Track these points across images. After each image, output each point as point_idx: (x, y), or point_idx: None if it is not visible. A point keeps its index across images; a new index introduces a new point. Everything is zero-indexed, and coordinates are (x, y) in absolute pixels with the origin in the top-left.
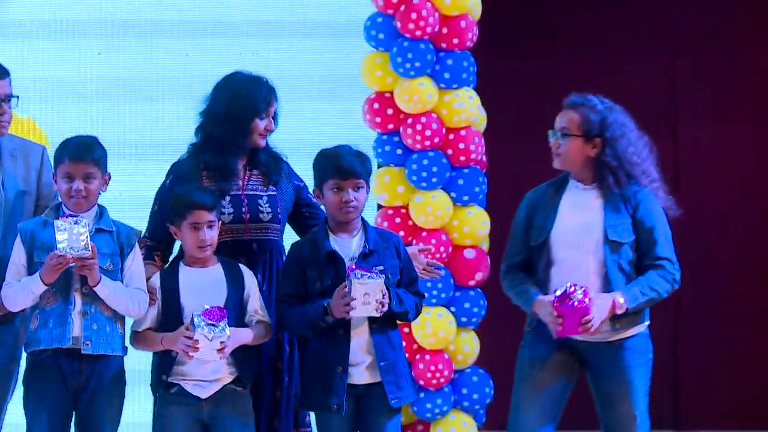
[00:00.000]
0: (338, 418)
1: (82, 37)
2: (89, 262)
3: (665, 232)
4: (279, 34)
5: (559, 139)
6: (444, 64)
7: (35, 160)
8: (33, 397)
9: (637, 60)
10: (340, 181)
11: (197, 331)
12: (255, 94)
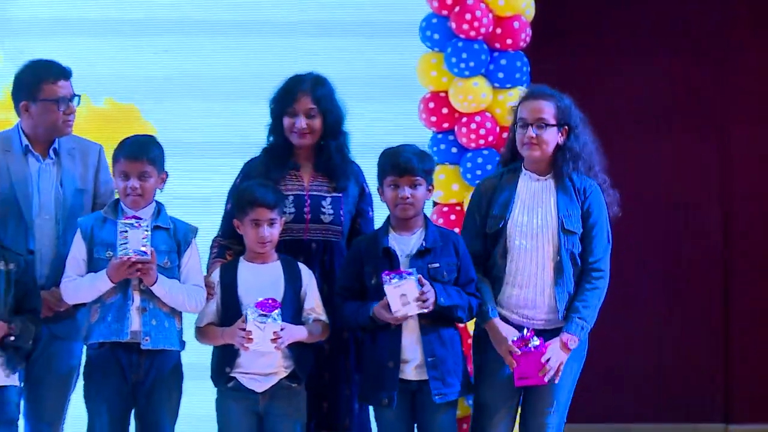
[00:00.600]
0: (392, 412)
1: (142, 36)
2: (146, 266)
3: (603, 231)
4: (335, 34)
5: (537, 131)
6: (498, 64)
7: (93, 159)
8: (93, 390)
9: (683, 59)
10: (397, 178)
11: (249, 321)
12: (280, 92)
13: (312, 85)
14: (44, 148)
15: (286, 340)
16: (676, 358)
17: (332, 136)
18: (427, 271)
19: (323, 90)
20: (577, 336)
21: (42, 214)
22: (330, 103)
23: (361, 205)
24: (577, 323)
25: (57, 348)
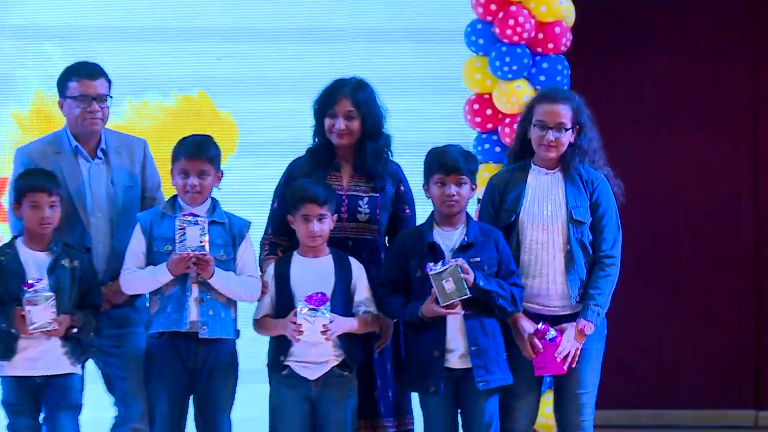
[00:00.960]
0: (437, 398)
1: (203, 42)
2: (203, 261)
3: (613, 219)
4: (385, 39)
5: (557, 134)
6: (539, 67)
7: (138, 154)
8: (153, 377)
9: (715, 59)
10: (444, 176)
11: (299, 315)
12: (323, 95)
13: (352, 89)
14: (92, 148)
15: (335, 331)
16: (708, 344)
17: (371, 138)
18: (469, 265)
19: (363, 94)
20: (593, 322)
21: (95, 213)
22: (369, 106)
23: (398, 204)
24: (592, 309)
25: (129, 334)
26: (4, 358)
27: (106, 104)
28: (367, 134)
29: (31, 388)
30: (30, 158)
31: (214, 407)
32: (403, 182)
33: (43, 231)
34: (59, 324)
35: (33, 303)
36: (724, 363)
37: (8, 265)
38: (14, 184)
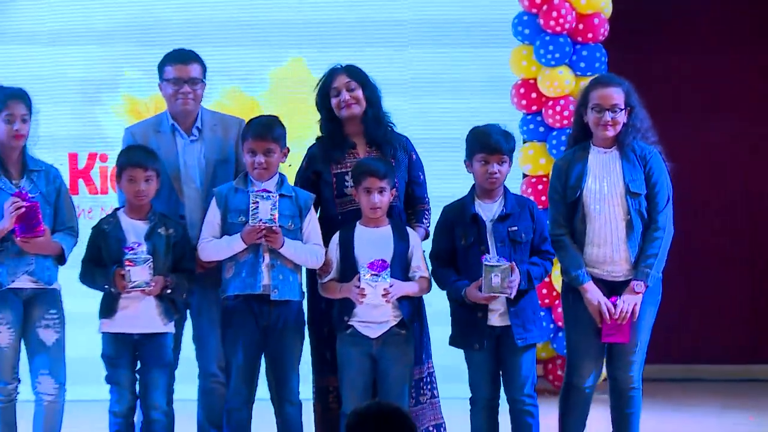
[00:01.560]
0: (481, 354)
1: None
2: (273, 232)
3: (664, 190)
4: (436, 34)
5: (612, 115)
6: (580, 55)
7: (234, 132)
8: (230, 335)
9: (732, 55)
10: (487, 155)
11: (363, 280)
12: (320, 84)
13: (344, 66)
14: (188, 126)
15: (395, 294)
16: (734, 307)
17: (371, 106)
18: (507, 234)
19: (355, 68)
20: (643, 281)
21: (189, 184)
22: (363, 77)
23: (413, 171)
24: (642, 270)
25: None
26: (105, 316)
27: (198, 86)
28: (370, 103)
29: (128, 344)
30: (133, 136)
31: (284, 362)
32: (414, 152)
33: (139, 202)
34: (154, 284)
35: (132, 263)
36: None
37: (111, 233)
38: (117, 161)
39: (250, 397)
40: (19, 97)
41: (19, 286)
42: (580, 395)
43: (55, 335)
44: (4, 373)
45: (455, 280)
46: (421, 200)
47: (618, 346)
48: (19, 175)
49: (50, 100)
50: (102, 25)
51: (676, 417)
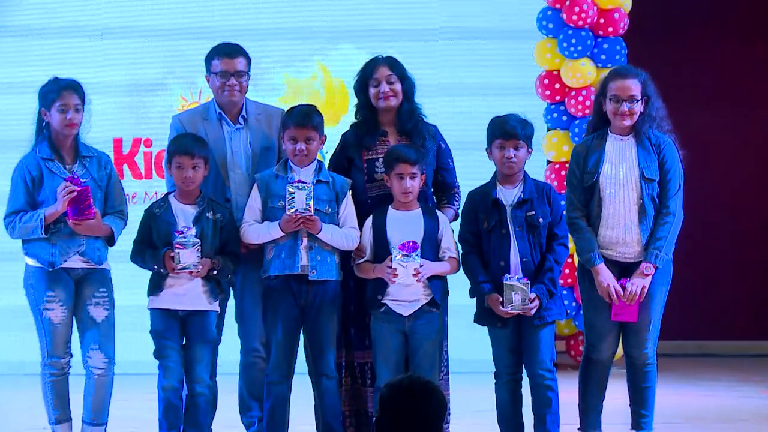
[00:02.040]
0: (503, 331)
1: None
2: (310, 220)
3: (676, 177)
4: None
5: (630, 105)
6: (601, 47)
7: (276, 121)
8: (270, 312)
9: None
10: (504, 141)
11: (395, 261)
12: (361, 73)
13: (386, 58)
14: (234, 116)
15: (425, 274)
16: (743, 288)
17: (407, 101)
18: (525, 219)
19: (396, 61)
20: (652, 263)
21: (235, 169)
22: (403, 71)
23: (441, 159)
24: (652, 252)
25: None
26: (153, 293)
27: (244, 79)
28: (406, 97)
29: (175, 320)
30: (181, 124)
31: (321, 338)
32: (443, 140)
33: (187, 188)
34: (202, 266)
35: (182, 246)
36: (760, 302)
37: (161, 216)
38: (166, 148)
39: (289, 372)
40: (73, 88)
41: (71, 266)
42: (598, 369)
43: (104, 312)
44: (56, 348)
45: (481, 282)
46: (451, 185)
47: (632, 325)
48: (72, 161)
49: (97, 92)
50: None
51: (690, 390)
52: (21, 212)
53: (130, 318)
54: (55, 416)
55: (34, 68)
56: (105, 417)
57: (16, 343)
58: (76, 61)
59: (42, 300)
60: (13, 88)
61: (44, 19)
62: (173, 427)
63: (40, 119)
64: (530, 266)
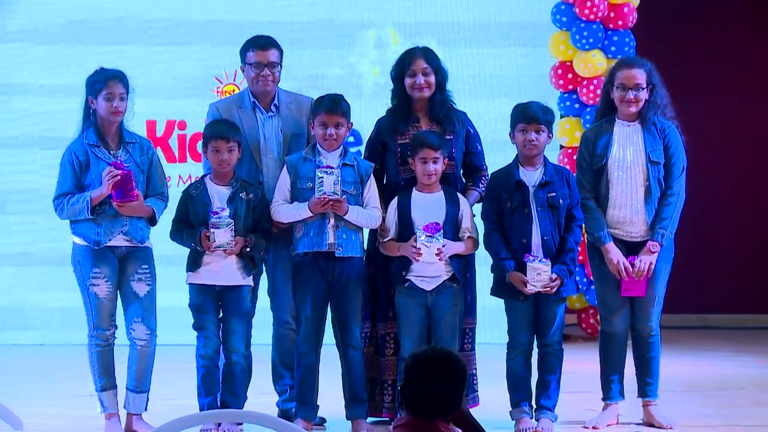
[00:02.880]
0: (522, 303)
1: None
2: (337, 202)
3: (679, 161)
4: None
5: (636, 93)
6: (611, 40)
7: (306, 109)
8: (299, 287)
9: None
10: (526, 125)
11: (419, 241)
12: (399, 62)
13: (424, 51)
14: (267, 104)
15: (447, 253)
16: (746, 265)
17: (440, 91)
18: (546, 200)
19: (433, 54)
20: (658, 241)
21: (267, 154)
22: (438, 62)
23: (470, 143)
24: (657, 231)
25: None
26: (191, 269)
27: (276, 69)
28: (439, 87)
29: (212, 294)
30: (218, 111)
31: (347, 312)
32: (471, 126)
33: (222, 170)
34: (236, 244)
35: (216, 226)
36: (758, 277)
37: (198, 197)
38: (203, 133)
39: (318, 343)
40: (118, 78)
41: (115, 244)
42: (614, 340)
43: (146, 287)
44: (102, 320)
45: (503, 258)
46: (479, 168)
47: (638, 299)
48: (116, 146)
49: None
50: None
51: (692, 361)
52: (69, 194)
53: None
54: (101, 384)
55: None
56: (147, 384)
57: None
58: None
59: (88, 276)
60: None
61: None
62: (211, 393)
63: (87, 107)
64: (550, 244)
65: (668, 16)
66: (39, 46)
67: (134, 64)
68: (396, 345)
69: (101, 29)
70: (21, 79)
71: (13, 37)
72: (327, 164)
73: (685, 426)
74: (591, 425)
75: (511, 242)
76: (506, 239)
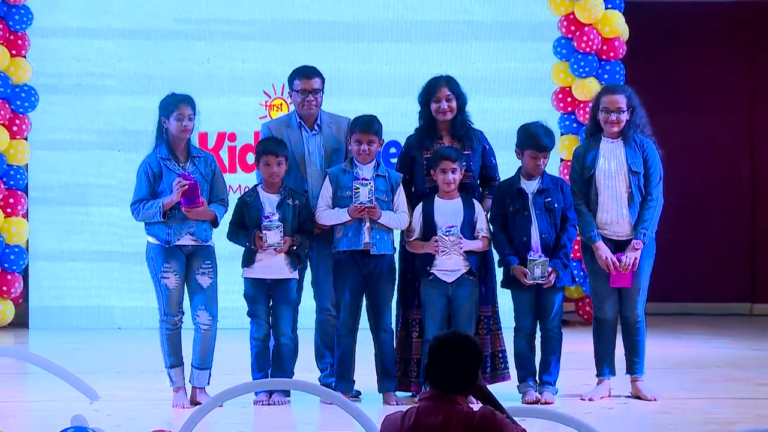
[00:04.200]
0: (526, 293)
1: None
2: (372, 210)
3: (657, 171)
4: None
5: (618, 116)
6: (604, 69)
7: (344, 128)
8: (339, 279)
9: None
10: (537, 152)
11: (440, 238)
12: (426, 89)
13: (447, 79)
14: (311, 123)
15: (465, 247)
16: (716, 255)
17: (460, 113)
18: (543, 204)
19: (455, 82)
20: (641, 240)
21: (311, 166)
22: (459, 88)
23: (486, 158)
24: (640, 231)
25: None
26: (246, 265)
27: (319, 95)
28: (459, 110)
29: (263, 286)
30: (269, 130)
31: (380, 300)
32: (487, 143)
33: (272, 181)
34: (284, 244)
35: (268, 229)
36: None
37: (251, 203)
38: (255, 149)
39: (355, 327)
40: (187, 102)
41: (183, 243)
42: (605, 326)
43: (209, 280)
44: (171, 308)
45: (507, 254)
46: (493, 178)
47: (625, 290)
48: (185, 160)
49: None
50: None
51: (673, 343)
52: (144, 200)
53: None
54: (170, 362)
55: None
56: (209, 362)
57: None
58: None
59: (160, 270)
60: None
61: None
62: (263, 369)
63: (160, 126)
64: (547, 241)
65: (651, 48)
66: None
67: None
68: (421, 329)
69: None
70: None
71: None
72: (363, 176)
73: (667, 398)
74: (587, 397)
75: (514, 240)
76: (510, 238)
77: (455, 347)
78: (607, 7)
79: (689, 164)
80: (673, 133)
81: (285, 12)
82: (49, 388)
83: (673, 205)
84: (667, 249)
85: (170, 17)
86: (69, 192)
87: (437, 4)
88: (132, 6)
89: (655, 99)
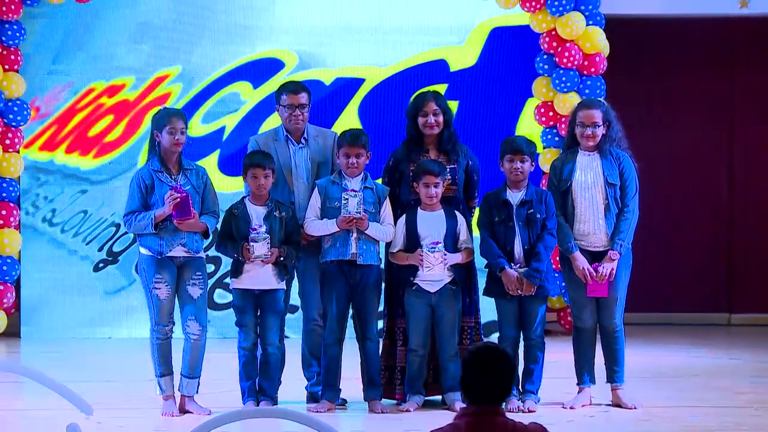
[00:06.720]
0: (510, 303)
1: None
2: (360, 221)
3: (632, 183)
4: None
5: (593, 130)
6: (585, 84)
7: (330, 141)
8: (326, 289)
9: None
10: (512, 155)
11: (424, 252)
12: (414, 103)
13: (434, 95)
14: (298, 137)
15: (448, 262)
16: (696, 267)
17: (447, 128)
18: (526, 216)
19: (441, 97)
20: (618, 251)
21: (298, 179)
22: (445, 104)
23: (470, 173)
24: (616, 242)
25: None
26: (234, 276)
27: (305, 110)
28: (445, 125)
29: (252, 297)
30: (257, 143)
31: (366, 310)
32: (472, 158)
33: (260, 193)
34: (271, 255)
35: (255, 240)
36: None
37: (239, 215)
38: (243, 161)
39: (341, 336)
40: (179, 115)
41: (174, 254)
42: (585, 335)
43: (199, 291)
44: (162, 318)
45: (498, 257)
46: (471, 197)
47: (602, 300)
48: (176, 172)
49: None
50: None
51: (653, 352)
52: (136, 212)
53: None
54: (160, 370)
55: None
56: (199, 371)
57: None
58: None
59: (152, 281)
60: None
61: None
62: (250, 378)
63: (152, 139)
64: (529, 252)
65: (632, 64)
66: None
67: None
68: (405, 338)
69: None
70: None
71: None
72: (351, 188)
73: (647, 407)
74: (568, 406)
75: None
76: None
77: (491, 360)
78: (588, 24)
79: (669, 178)
80: (653, 147)
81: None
82: (43, 397)
83: (654, 218)
84: (647, 261)
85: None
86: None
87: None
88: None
89: (635, 114)
